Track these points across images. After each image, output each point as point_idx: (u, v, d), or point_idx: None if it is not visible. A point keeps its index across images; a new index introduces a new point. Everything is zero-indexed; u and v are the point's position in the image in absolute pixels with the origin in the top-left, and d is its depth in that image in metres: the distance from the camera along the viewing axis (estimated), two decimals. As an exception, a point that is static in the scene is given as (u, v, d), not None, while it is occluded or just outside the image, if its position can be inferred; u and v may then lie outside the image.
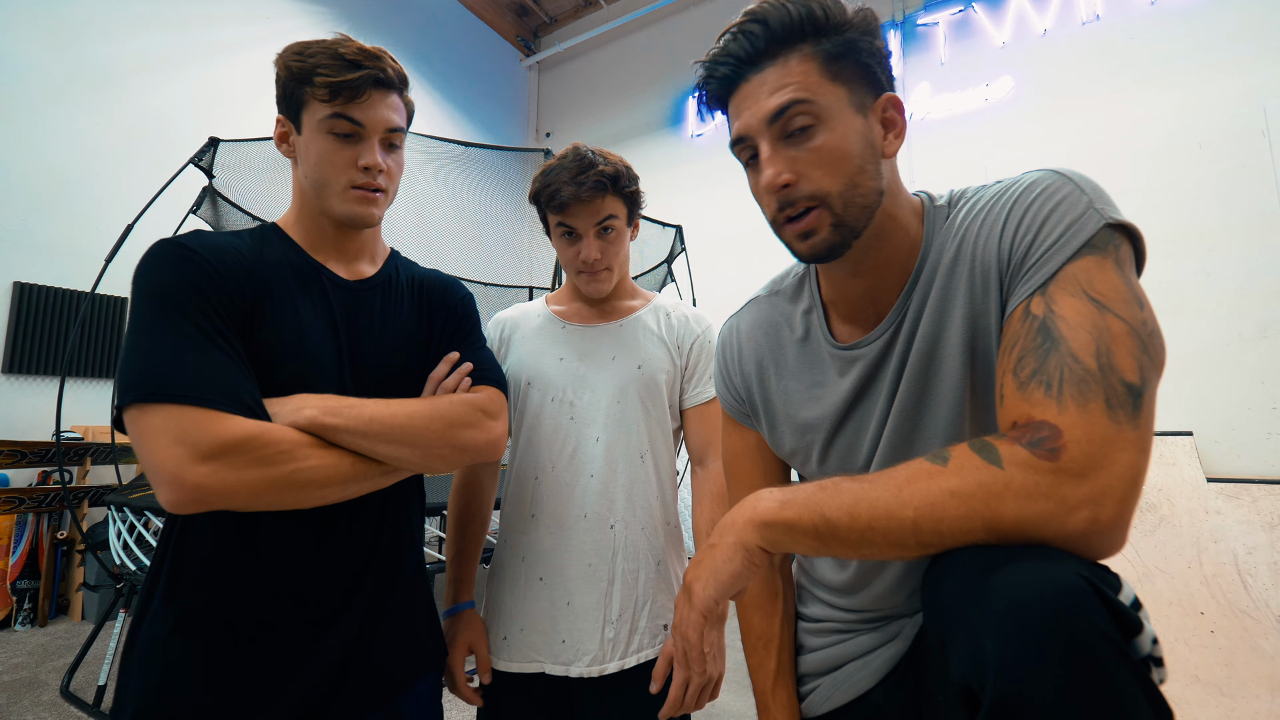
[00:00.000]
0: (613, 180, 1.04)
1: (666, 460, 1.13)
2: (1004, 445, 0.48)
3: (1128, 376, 0.49)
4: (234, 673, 0.73)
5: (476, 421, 0.85)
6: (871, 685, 0.75)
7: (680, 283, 4.41)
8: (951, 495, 0.47)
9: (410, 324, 0.93)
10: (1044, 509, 0.45)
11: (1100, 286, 0.53)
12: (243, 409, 0.69)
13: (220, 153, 2.81)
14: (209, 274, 0.74)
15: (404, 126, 0.88)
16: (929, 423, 0.67)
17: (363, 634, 0.82)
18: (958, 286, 0.64)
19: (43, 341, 3.41)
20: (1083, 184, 0.59)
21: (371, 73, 0.81)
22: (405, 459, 0.79)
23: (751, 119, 0.63)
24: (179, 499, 0.64)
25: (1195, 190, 3.52)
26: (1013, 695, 0.39)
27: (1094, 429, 0.46)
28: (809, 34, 0.61)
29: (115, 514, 2.41)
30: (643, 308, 1.17)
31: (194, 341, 0.69)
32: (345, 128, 0.81)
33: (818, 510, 0.52)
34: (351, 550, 0.83)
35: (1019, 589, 0.41)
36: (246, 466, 0.66)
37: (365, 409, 0.77)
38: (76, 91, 3.60)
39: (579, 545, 1.04)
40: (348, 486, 0.76)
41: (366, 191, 0.84)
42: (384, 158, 0.85)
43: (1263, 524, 2.69)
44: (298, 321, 0.81)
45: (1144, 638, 0.43)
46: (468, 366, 0.91)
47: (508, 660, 1.04)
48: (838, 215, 0.62)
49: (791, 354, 0.79)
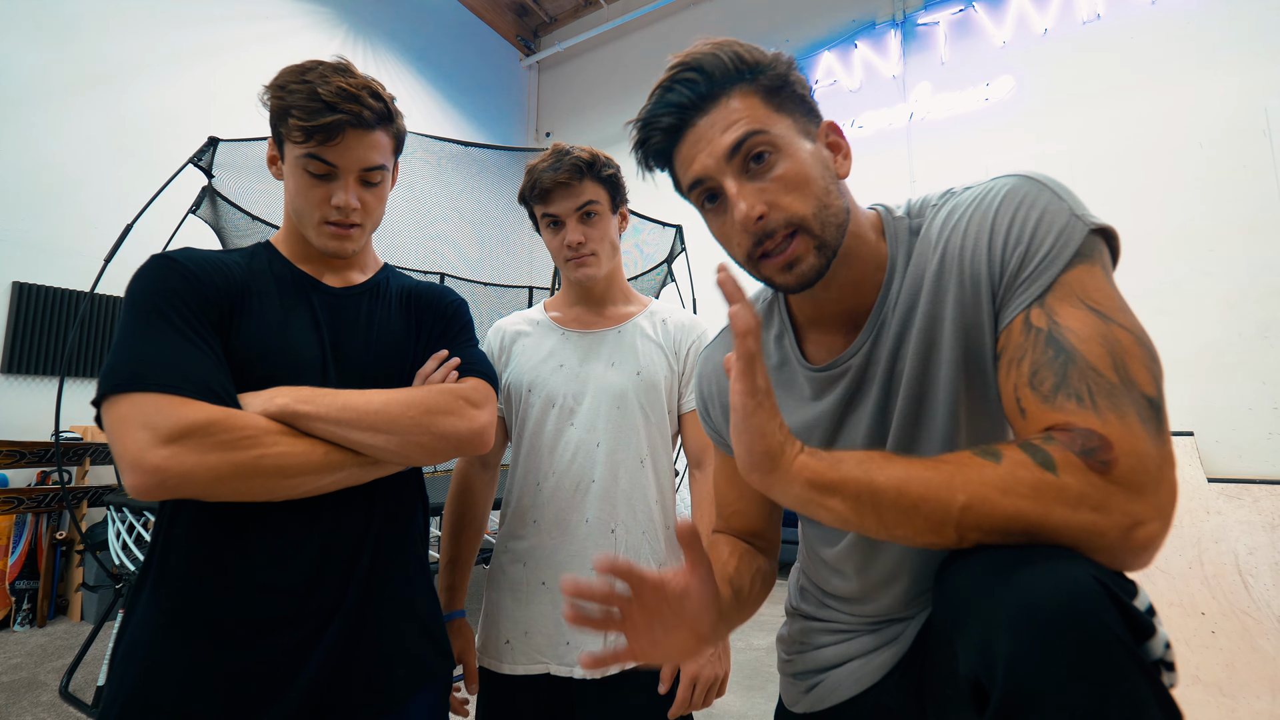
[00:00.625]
0: (588, 165, 1.07)
1: (666, 465, 1.14)
2: (1055, 450, 0.47)
3: (1148, 391, 0.49)
4: (218, 676, 0.72)
5: (457, 409, 0.82)
6: (874, 682, 0.76)
7: (680, 283, 4.41)
8: (1005, 492, 0.47)
9: (398, 327, 0.92)
10: (1094, 520, 0.45)
11: (1096, 295, 0.54)
12: (211, 397, 0.69)
13: (220, 152, 2.81)
14: (187, 279, 0.77)
15: (383, 164, 0.86)
16: (927, 434, 0.67)
17: (352, 640, 0.79)
18: (945, 297, 0.64)
19: (42, 341, 3.41)
20: (1058, 190, 0.59)
21: (345, 117, 0.79)
22: (381, 447, 0.77)
23: (708, 159, 0.62)
24: (140, 483, 0.64)
25: (1195, 190, 3.52)
26: (1022, 690, 0.39)
27: (1139, 444, 0.47)
28: (744, 74, 0.63)
29: (114, 514, 2.41)
30: (639, 313, 1.18)
31: (168, 339, 0.72)
32: (319, 168, 0.81)
33: (868, 476, 0.51)
34: (337, 550, 0.80)
35: (1032, 587, 0.41)
36: (208, 450, 0.66)
37: (339, 397, 0.76)
38: (76, 91, 3.60)
39: (581, 550, 1.05)
40: (321, 477, 0.74)
41: (339, 228, 0.85)
42: (359, 195, 0.84)
43: (1264, 524, 2.69)
44: (279, 321, 0.82)
45: (1156, 641, 0.43)
46: (455, 360, 0.89)
47: (511, 663, 1.04)
48: (818, 237, 0.62)
49: (770, 382, 0.78)
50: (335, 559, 0.80)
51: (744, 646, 2.78)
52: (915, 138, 4.51)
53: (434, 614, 0.93)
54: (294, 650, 0.75)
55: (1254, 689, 2.11)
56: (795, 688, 0.85)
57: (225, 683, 0.72)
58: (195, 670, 0.72)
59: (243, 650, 0.73)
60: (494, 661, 1.06)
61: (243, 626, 0.74)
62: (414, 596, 0.89)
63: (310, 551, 0.78)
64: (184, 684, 0.71)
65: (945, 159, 4.33)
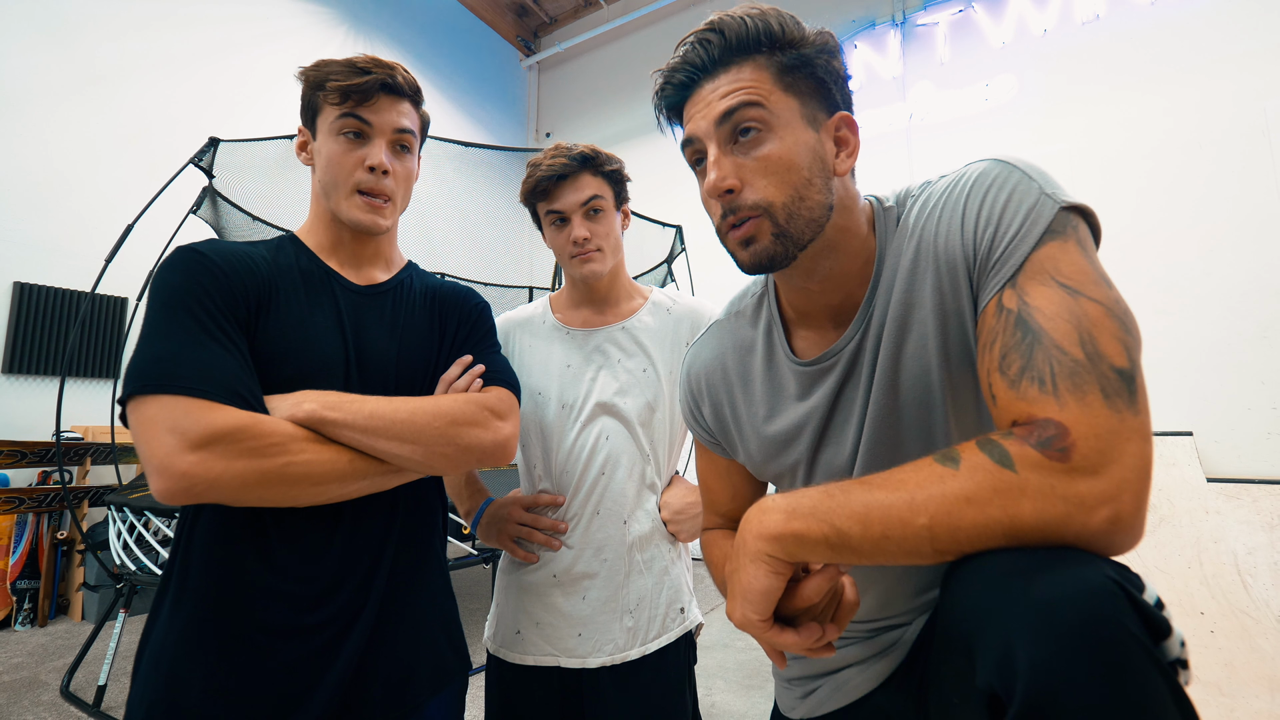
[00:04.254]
0: (591, 158, 1.08)
1: (674, 456, 1.16)
2: (1013, 445, 0.47)
3: (1117, 362, 0.48)
4: (241, 682, 0.72)
5: (483, 421, 0.82)
6: (872, 689, 0.75)
7: (680, 283, 4.41)
8: (967, 502, 0.46)
9: (422, 328, 0.91)
10: (1063, 511, 0.44)
11: (1067, 270, 0.53)
12: (238, 401, 0.69)
13: (220, 153, 2.81)
14: (214, 274, 0.76)
15: (414, 130, 0.88)
16: (910, 426, 0.66)
17: (373, 645, 0.79)
18: (922, 287, 0.63)
19: (43, 341, 3.41)
20: (1029, 170, 0.59)
21: (380, 77, 0.84)
22: (406, 457, 0.77)
23: (701, 120, 0.63)
24: (167, 488, 0.64)
25: (1195, 190, 3.52)
26: (1043, 699, 0.38)
27: (1098, 422, 0.46)
28: (764, 46, 0.62)
29: (115, 514, 2.41)
30: (643, 306, 1.18)
31: (194, 337, 0.71)
32: (354, 126, 0.84)
33: (827, 520, 0.50)
34: (357, 555, 0.80)
35: (1049, 592, 0.40)
36: (236, 457, 0.65)
37: (367, 404, 0.76)
38: (76, 91, 3.60)
39: (593, 542, 1.07)
40: (346, 485, 0.74)
41: (371, 198, 0.85)
42: (391, 160, 0.85)
43: (1263, 524, 2.69)
44: (304, 320, 0.82)
45: (1173, 641, 0.42)
46: (480, 368, 0.89)
47: (521, 654, 1.06)
48: (780, 226, 0.61)
49: (759, 379, 0.78)
50: (355, 565, 0.80)
51: (744, 646, 2.79)
52: (915, 138, 4.51)
53: (452, 614, 0.93)
54: (316, 656, 0.75)
55: (1253, 688, 2.11)
56: (790, 694, 0.85)
57: (248, 689, 0.72)
58: (218, 676, 0.72)
59: (265, 656, 0.73)
60: (505, 651, 1.08)
61: (263, 632, 0.74)
62: (434, 598, 0.89)
63: (331, 557, 0.78)
64: (206, 690, 0.71)
65: (945, 159, 4.33)
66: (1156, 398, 3.62)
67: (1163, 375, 3.42)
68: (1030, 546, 0.45)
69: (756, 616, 0.54)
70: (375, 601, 0.80)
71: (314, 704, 0.73)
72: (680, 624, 1.09)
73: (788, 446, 0.75)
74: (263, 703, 0.72)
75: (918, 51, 4.59)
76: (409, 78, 0.88)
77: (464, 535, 2.41)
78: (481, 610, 3.02)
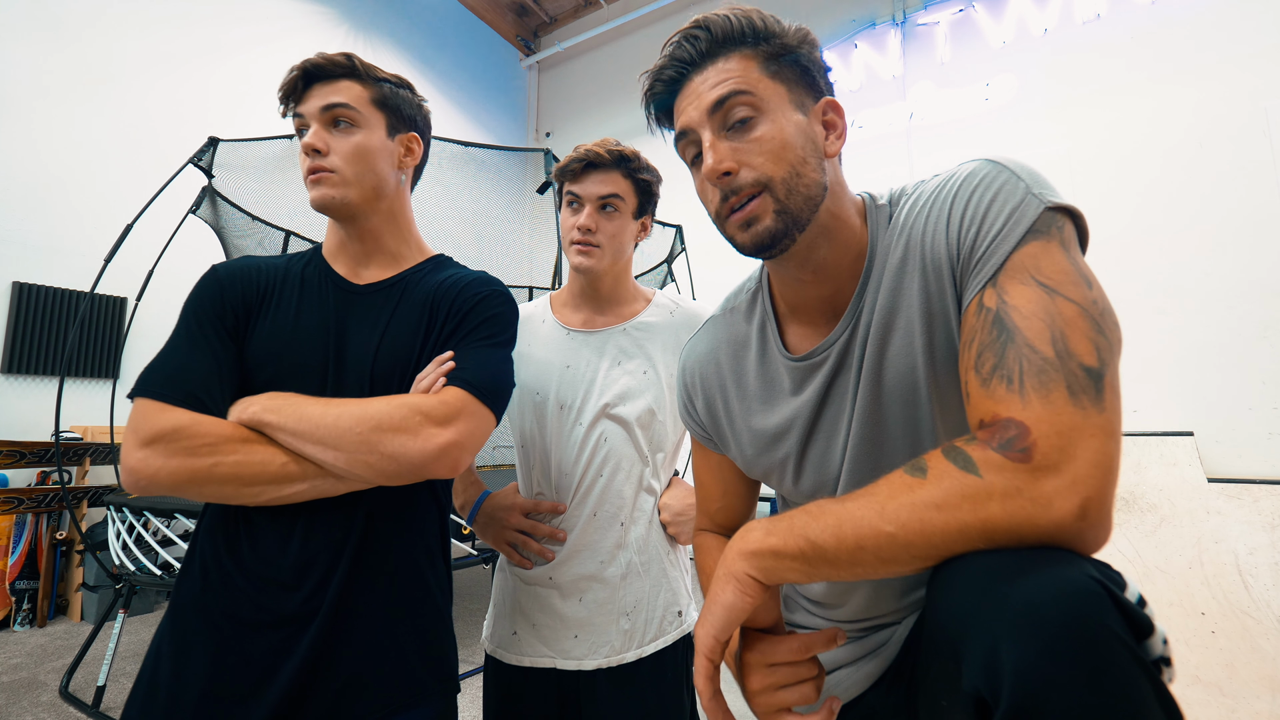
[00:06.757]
0: (627, 160, 1.10)
1: (672, 459, 1.16)
2: (976, 450, 0.48)
3: (1086, 360, 0.49)
4: (203, 667, 0.76)
5: (411, 427, 0.73)
6: (863, 690, 0.75)
7: (680, 283, 4.41)
8: (936, 509, 0.47)
9: (410, 325, 0.87)
10: (1027, 509, 0.45)
11: (1048, 270, 0.53)
12: (192, 403, 0.74)
13: (220, 152, 2.81)
14: (213, 287, 0.84)
15: (344, 102, 0.86)
16: (895, 424, 0.66)
17: (328, 646, 0.78)
18: (909, 286, 0.64)
19: (42, 341, 3.41)
20: (1018, 170, 0.59)
21: (305, 69, 0.87)
22: (330, 463, 0.74)
23: (694, 111, 0.65)
24: (124, 481, 0.73)
25: (1196, 190, 3.52)
26: (1029, 702, 0.38)
27: (1059, 420, 0.46)
28: (749, 39, 0.64)
29: (114, 514, 2.41)
30: (645, 308, 1.18)
31: (179, 346, 0.79)
32: (298, 124, 0.88)
33: (802, 535, 0.52)
34: (313, 557, 0.79)
35: (1032, 594, 0.41)
36: (171, 455, 0.71)
37: (303, 407, 0.75)
38: (76, 91, 3.60)
39: (590, 544, 1.07)
40: (281, 488, 0.74)
41: (314, 174, 0.87)
42: (327, 139, 0.85)
43: (1264, 524, 2.69)
44: (293, 324, 0.85)
45: (1155, 639, 0.43)
46: (449, 366, 0.81)
47: (518, 655, 1.06)
48: (780, 202, 0.62)
49: (753, 374, 0.78)
50: (312, 566, 0.80)
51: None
52: (915, 138, 4.51)
53: (435, 631, 0.87)
54: (273, 652, 0.77)
55: (1254, 689, 2.11)
56: None
57: (211, 674, 0.76)
58: (188, 656, 0.76)
59: (229, 646, 0.77)
60: (502, 652, 1.08)
61: (231, 623, 0.77)
62: (409, 610, 0.85)
63: (289, 556, 0.80)
64: (174, 671, 0.76)
65: (945, 159, 4.32)
66: (1157, 398, 3.60)
67: (1163, 375, 3.42)
68: (1011, 547, 0.46)
69: (714, 634, 0.55)
70: (330, 604, 0.78)
71: (268, 697, 0.75)
72: (678, 627, 1.08)
73: (778, 441, 0.75)
74: (223, 688, 0.76)
75: (918, 51, 4.59)
76: (340, 60, 0.88)
77: (464, 535, 2.41)
78: (481, 610, 3.01)
